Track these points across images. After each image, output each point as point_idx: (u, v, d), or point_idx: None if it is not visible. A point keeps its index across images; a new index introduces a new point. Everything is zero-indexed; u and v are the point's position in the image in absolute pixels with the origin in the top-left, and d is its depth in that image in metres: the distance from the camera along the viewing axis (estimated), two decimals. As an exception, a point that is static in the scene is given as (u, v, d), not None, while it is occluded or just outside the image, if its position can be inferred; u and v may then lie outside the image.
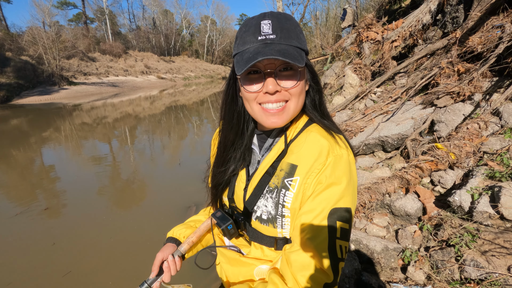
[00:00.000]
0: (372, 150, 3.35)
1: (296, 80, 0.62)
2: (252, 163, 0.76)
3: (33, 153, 6.81)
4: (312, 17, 13.43)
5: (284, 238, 0.70)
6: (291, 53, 0.59)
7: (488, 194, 1.94)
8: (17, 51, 19.63)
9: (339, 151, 0.64)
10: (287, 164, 0.67)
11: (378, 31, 5.10)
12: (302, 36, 0.64)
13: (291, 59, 0.57)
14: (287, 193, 0.65)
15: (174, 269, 0.82)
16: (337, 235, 0.60)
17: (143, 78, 27.25)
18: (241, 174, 0.76)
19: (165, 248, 0.86)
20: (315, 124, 0.70)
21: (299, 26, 0.65)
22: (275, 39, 0.61)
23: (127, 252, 2.93)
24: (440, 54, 4.16)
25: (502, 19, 3.49)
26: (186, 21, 50.35)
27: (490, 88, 3.05)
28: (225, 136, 0.76)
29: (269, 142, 0.72)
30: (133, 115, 12.11)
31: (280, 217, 0.67)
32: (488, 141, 2.52)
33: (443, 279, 1.70)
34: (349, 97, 4.67)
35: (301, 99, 0.66)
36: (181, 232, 0.92)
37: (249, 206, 0.72)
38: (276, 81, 0.62)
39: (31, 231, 3.38)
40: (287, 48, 0.60)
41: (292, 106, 0.65)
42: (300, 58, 0.60)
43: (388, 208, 2.38)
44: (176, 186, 4.63)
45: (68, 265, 2.76)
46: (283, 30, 0.61)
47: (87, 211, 3.84)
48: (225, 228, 0.73)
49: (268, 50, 0.58)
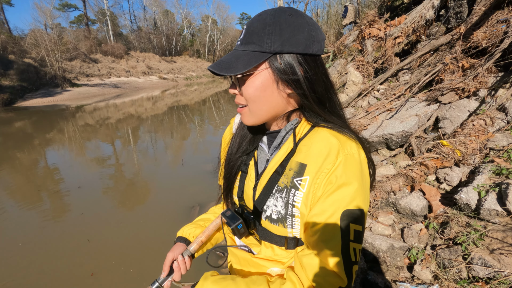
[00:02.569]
0: (376, 148, 3.32)
1: (248, 85, 0.64)
2: (261, 162, 0.76)
3: (37, 155, 6.85)
4: (313, 15, 13.38)
5: (295, 238, 0.69)
6: (228, 63, 0.61)
7: (495, 191, 1.91)
8: (19, 53, 19.76)
9: (349, 149, 0.62)
10: (296, 163, 0.65)
11: (380, 28, 5.05)
12: (274, 36, 0.59)
13: (219, 70, 0.60)
14: (297, 192, 0.64)
15: (184, 268, 0.83)
16: (350, 238, 0.58)
17: (145, 78, 27.32)
18: (250, 173, 0.76)
19: (175, 248, 0.88)
20: (325, 123, 0.68)
21: (274, 24, 0.59)
22: (238, 46, 0.63)
23: (131, 252, 2.93)
24: (444, 50, 4.11)
25: (507, 13, 3.44)
26: (187, 21, 50.37)
27: (495, 84, 3.01)
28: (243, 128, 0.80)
29: (278, 141, 0.71)
30: (136, 115, 12.15)
31: (290, 217, 0.66)
32: (495, 137, 2.49)
33: (450, 278, 1.68)
34: (352, 94, 4.63)
35: (266, 104, 0.65)
36: (190, 232, 0.93)
37: (258, 206, 0.71)
38: (234, 85, 0.66)
39: (37, 230, 3.40)
40: (231, 58, 0.62)
41: (254, 109, 0.66)
42: (243, 64, 0.60)
43: (393, 206, 2.36)
44: (179, 186, 4.64)
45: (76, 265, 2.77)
46: (246, 35, 0.62)
47: (92, 212, 3.86)
48: (235, 228, 0.72)
49: (218, 61, 0.62)
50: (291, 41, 0.60)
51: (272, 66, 0.62)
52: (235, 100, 0.69)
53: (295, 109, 0.68)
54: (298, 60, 0.61)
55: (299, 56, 0.61)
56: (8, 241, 3.24)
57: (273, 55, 0.61)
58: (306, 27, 0.61)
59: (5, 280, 2.64)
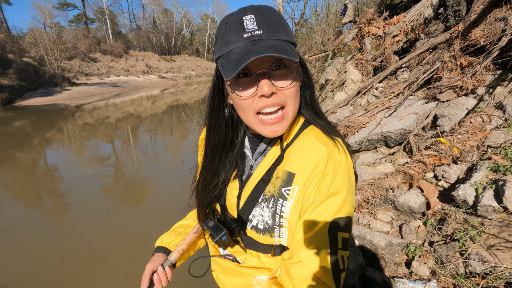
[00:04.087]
0: (374, 146, 3.34)
1: (291, 79, 0.57)
2: (244, 168, 0.72)
3: (36, 154, 6.85)
4: (312, 13, 13.36)
5: (281, 246, 0.67)
6: (284, 48, 0.53)
7: (493, 188, 1.93)
8: (18, 53, 19.71)
9: (338, 156, 0.61)
10: (284, 171, 0.63)
11: (379, 26, 5.06)
12: (289, 29, 0.59)
13: (286, 54, 0.52)
14: (285, 203, 0.62)
15: (165, 280, 0.80)
16: (339, 246, 0.58)
17: (144, 77, 27.28)
18: (233, 180, 0.72)
19: (155, 259, 0.83)
20: (311, 126, 0.66)
21: (283, 18, 0.60)
22: (263, 35, 0.55)
23: (131, 252, 2.95)
24: (442, 48, 4.12)
25: (505, 11, 3.45)
26: (186, 19, 50.26)
27: (493, 82, 3.02)
28: (213, 148, 0.70)
29: (263, 147, 0.68)
30: (135, 114, 12.14)
31: (278, 227, 0.64)
32: (492, 134, 2.50)
33: (447, 273, 1.70)
34: (351, 93, 4.65)
35: (298, 100, 0.61)
36: (170, 241, 0.88)
37: (243, 215, 0.68)
38: (271, 82, 0.56)
39: (35, 228, 3.41)
40: (279, 43, 0.54)
41: (290, 111, 0.60)
42: (294, 52, 0.55)
43: (391, 203, 2.38)
44: (179, 185, 4.64)
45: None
46: (269, 24, 0.55)
47: (92, 211, 3.86)
48: (219, 240, 0.68)
49: (259, 47, 0.52)
50: (293, 35, 0.60)
51: (299, 59, 0.58)
52: (267, 102, 0.57)
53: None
54: (300, 57, 0.61)
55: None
56: (7, 241, 3.26)
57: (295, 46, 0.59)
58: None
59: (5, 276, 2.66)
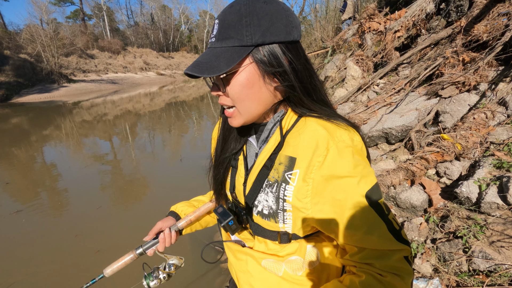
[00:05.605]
0: (375, 143, 3.31)
1: (229, 85, 0.60)
2: (250, 156, 0.74)
3: (34, 152, 6.79)
4: (311, 10, 13.26)
5: (287, 233, 0.68)
6: (208, 64, 0.56)
7: (496, 184, 1.90)
8: (15, 49, 19.52)
9: (340, 137, 0.59)
10: (285, 157, 0.63)
11: (380, 22, 5.00)
12: (252, 27, 0.55)
13: (201, 72, 0.56)
14: (287, 187, 0.62)
15: (169, 242, 0.88)
16: (385, 213, 0.59)
17: (142, 74, 27.13)
18: (240, 168, 0.74)
19: (166, 220, 0.93)
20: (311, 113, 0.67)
21: (251, 14, 0.55)
22: (214, 43, 0.58)
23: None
24: (444, 43, 4.08)
25: (509, 6, 3.41)
26: (185, 16, 49.91)
27: (496, 77, 2.99)
28: (224, 120, 0.78)
29: (265, 134, 0.69)
30: (133, 112, 12.07)
31: (282, 211, 0.65)
32: (495, 131, 2.47)
33: (450, 271, 1.67)
34: (351, 89, 4.60)
35: (252, 100, 0.61)
36: (183, 209, 0.97)
37: (249, 201, 0.70)
38: (216, 85, 0.62)
39: (36, 227, 3.37)
40: (209, 58, 0.57)
41: (242, 110, 0.62)
42: (226, 62, 0.55)
43: (393, 200, 2.35)
44: (178, 182, 4.62)
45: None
46: (222, 30, 0.57)
47: (89, 208, 3.83)
48: (226, 224, 0.72)
49: (194, 62, 0.58)
50: (271, 30, 0.57)
51: (256, 60, 0.58)
52: (219, 101, 0.65)
53: (281, 100, 0.66)
54: (282, 49, 0.59)
55: (281, 45, 0.58)
56: (7, 239, 3.22)
57: (255, 47, 0.57)
58: (283, 13, 0.58)
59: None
